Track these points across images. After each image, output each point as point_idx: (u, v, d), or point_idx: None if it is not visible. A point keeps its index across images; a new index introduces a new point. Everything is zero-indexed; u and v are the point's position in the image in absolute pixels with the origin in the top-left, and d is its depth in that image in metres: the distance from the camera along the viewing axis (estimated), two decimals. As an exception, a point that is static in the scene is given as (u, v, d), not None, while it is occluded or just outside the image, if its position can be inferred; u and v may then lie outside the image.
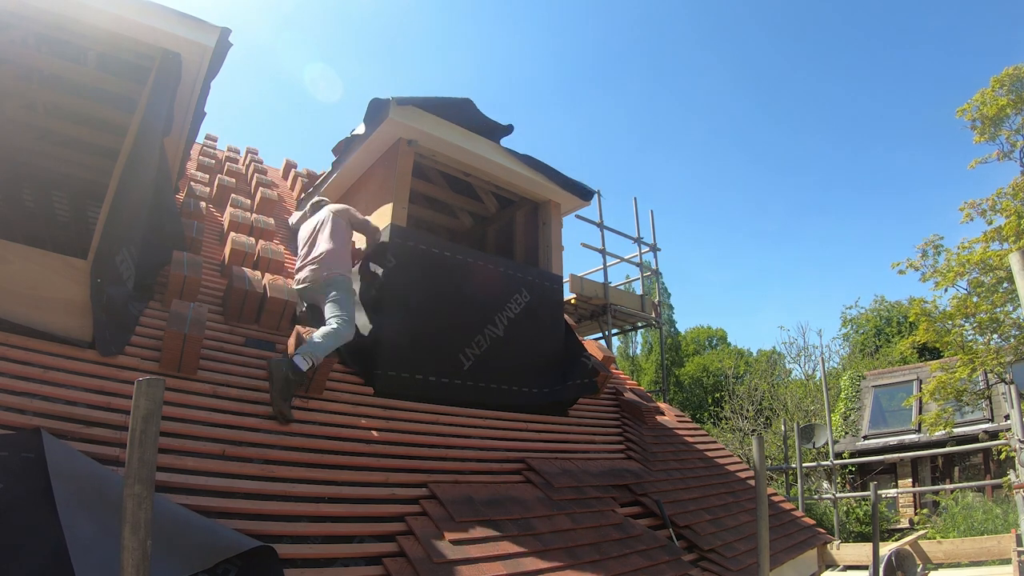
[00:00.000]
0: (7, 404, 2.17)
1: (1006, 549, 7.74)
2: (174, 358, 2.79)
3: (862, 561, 8.10)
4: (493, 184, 4.87)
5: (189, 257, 3.53)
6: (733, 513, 4.31)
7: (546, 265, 4.95)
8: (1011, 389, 8.99)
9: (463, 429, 3.61)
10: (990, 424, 12.72)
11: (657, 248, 11.07)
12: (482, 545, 2.60)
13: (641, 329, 13.13)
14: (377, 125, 4.10)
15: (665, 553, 3.25)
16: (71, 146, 4.91)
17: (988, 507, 10.79)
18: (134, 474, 1.31)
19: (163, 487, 2.11)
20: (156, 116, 3.20)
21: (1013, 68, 11.05)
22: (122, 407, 2.37)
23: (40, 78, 4.06)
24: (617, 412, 5.09)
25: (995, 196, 10.82)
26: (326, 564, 2.23)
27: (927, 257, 11.23)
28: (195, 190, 5.19)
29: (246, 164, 7.19)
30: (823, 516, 12.31)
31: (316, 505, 2.45)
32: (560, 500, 3.27)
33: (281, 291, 3.65)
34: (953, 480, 13.69)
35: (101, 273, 2.77)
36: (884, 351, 21.83)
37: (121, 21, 3.11)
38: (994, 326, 10.12)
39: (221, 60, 3.48)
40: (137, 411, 1.35)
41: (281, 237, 5.41)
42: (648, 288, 12.11)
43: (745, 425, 17.85)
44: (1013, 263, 2.77)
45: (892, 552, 6.33)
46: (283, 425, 2.81)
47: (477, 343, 4.10)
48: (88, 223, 5.90)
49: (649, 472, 4.20)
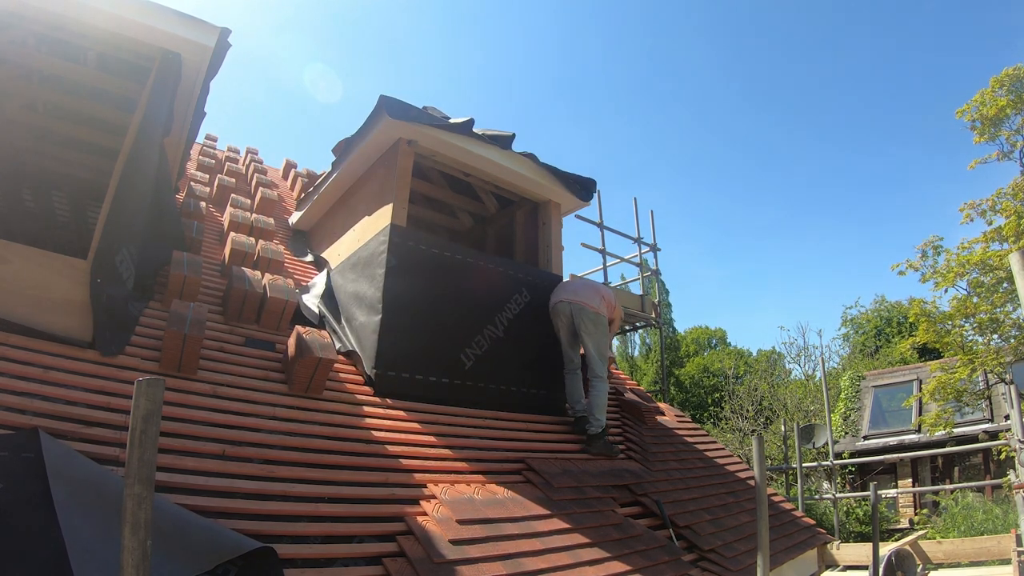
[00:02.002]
0: (7, 404, 2.17)
1: (1006, 549, 7.74)
2: (174, 358, 2.79)
3: (862, 561, 8.11)
4: (493, 184, 4.87)
5: (189, 257, 3.53)
6: (733, 513, 4.31)
7: (546, 265, 4.95)
8: (1011, 389, 8.99)
9: (463, 429, 3.61)
10: (990, 424, 12.73)
11: (657, 248, 11.06)
12: (482, 545, 2.60)
13: (641, 329, 13.11)
14: (377, 125, 4.10)
15: (665, 553, 3.25)
16: (71, 146, 4.91)
17: (988, 507, 10.79)
18: (134, 474, 1.31)
19: (163, 487, 2.11)
20: (156, 116, 3.20)
21: (1013, 68, 11.06)
22: (122, 407, 2.37)
23: (40, 78, 4.06)
24: (617, 412, 5.09)
25: (995, 196, 10.83)
26: (326, 564, 2.23)
27: (927, 258, 11.24)
28: (195, 190, 5.19)
29: (246, 164, 7.19)
30: (823, 516, 12.30)
31: (316, 505, 2.45)
32: (560, 500, 3.26)
33: (281, 291, 3.65)
34: (953, 480, 13.70)
35: (101, 273, 2.77)
36: (884, 351, 21.84)
37: (121, 21, 3.10)
38: (994, 326, 10.13)
39: (221, 60, 3.48)
40: (137, 411, 1.35)
41: (281, 237, 5.41)
42: (648, 288, 12.10)
43: (745, 425, 17.85)
44: (1013, 263, 2.77)
45: (892, 552, 6.32)
46: (283, 425, 2.82)
47: (477, 343, 4.10)
48: (88, 223, 5.89)
49: (649, 472, 4.20)
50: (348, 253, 4.40)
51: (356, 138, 4.41)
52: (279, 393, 3.05)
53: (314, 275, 4.80)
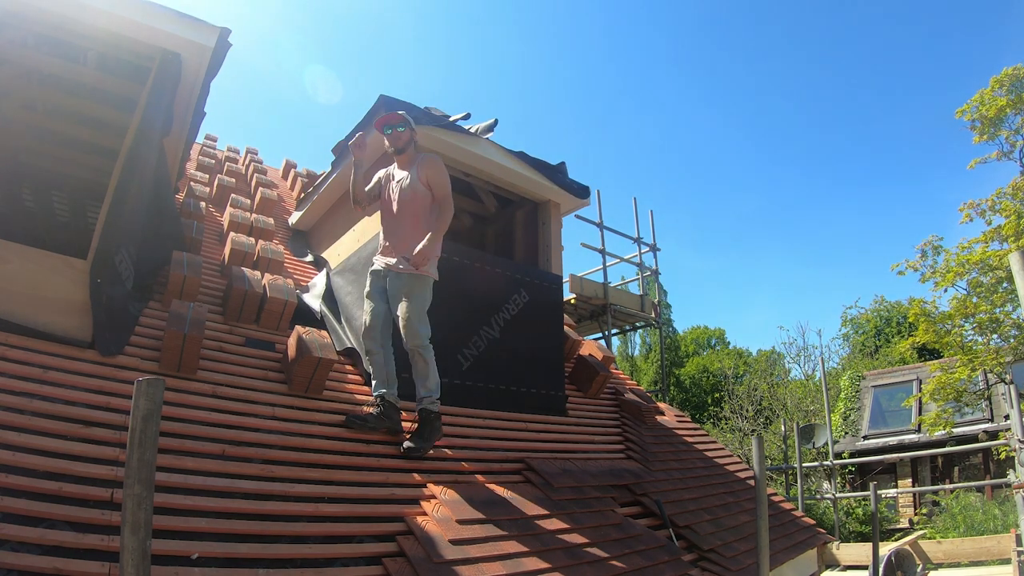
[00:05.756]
0: (7, 404, 2.17)
1: (1006, 549, 7.75)
2: (174, 358, 2.79)
3: (862, 561, 8.12)
4: (493, 184, 4.87)
5: (189, 257, 3.53)
6: (733, 513, 4.31)
7: (545, 265, 4.94)
8: (1011, 389, 9.00)
9: (463, 429, 3.61)
10: (990, 424, 12.72)
11: (657, 248, 11.07)
12: (482, 545, 2.60)
13: (641, 329, 13.12)
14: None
15: (665, 553, 3.25)
16: (71, 146, 4.90)
17: (988, 507, 10.79)
18: (134, 474, 1.31)
19: (163, 487, 2.11)
20: (156, 116, 3.20)
21: (1012, 68, 11.05)
22: (122, 407, 2.37)
23: (40, 78, 4.05)
24: (617, 412, 5.08)
25: (994, 196, 10.83)
26: (326, 564, 2.22)
27: (926, 258, 11.25)
28: (195, 190, 5.19)
29: (246, 164, 7.19)
30: (823, 516, 12.31)
31: (316, 505, 2.45)
32: (560, 500, 3.26)
33: (281, 291, 3.65)
34: (953, 480, 13.69)
35: (101, 273, 2.77)
36: (884, 351, 21.83)
37: (121, 21, 3.10)
38: (994, 326, 10.13)
39: (221, 60, 3.48)
40: (137, 411, 1.35)
41: (281, 237, 5.41)
42: (647, 288, 12.11)
43: (745, 425, 17.84)
44: (1013, 263, 2.77)
45: (892, 552, 6.33)
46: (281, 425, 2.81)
47: (475, 343, 4.10)
48: (88, 223, 5.90)
49: (649, 472, 4.20)
50: (348, 253, 4.40)
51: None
52: (279, 393, 3.05)
53: (314, 275, 4.80)
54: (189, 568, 1.93)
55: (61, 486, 1.96)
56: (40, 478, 1.96)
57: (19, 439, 2.06)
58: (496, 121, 4.60)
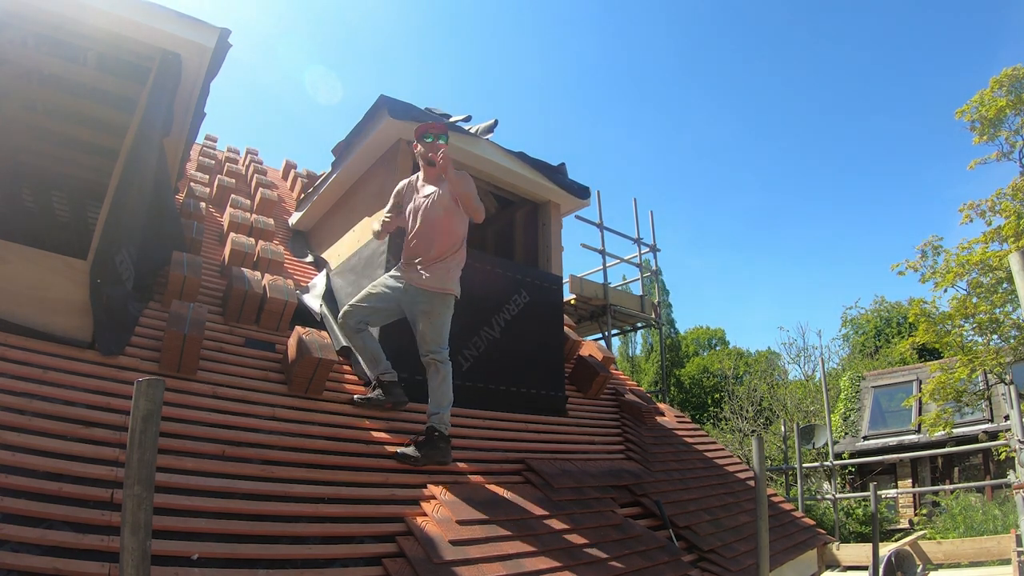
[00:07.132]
0: (7, 404, 2.17)
1: (1006, 549, 7.75)
2: (174, 358, 2.78)
3: (862, 562, 8.12)
4: (493, 184, 4.86)
5: (189, 257, 3.53)
6: (733, 514, 4.31)
7: (546, 266, 4.94)
8: (1011, 389, 9.00)
9: (463, 429, 3.61)
10: (990, 424, 12.73)
11: (657, 249, 11.08)
12: (482, 545, 2.60)
13: (641, 329, 13.12)
14: (377, 125, 4.10)
15: (665, 554, 3.25)
16: (71, 146, 4.90)
17: (988, 508, 10.79)
18: (134, 474, 1.31)
19: (163, 487, 2.11)
20: (156, 116, 3.20)
21: (1012, 69, 11.06)
22: (122, 407, 2.37)
23: (40, 78, 4.05)
24: (617, 413, 5.08)
25: (994, 197, 10.83)
26: (325, 565, 2.22)
27: (926, 258, 11.25)
28: (195, 190, 5.19)
29: (246, 164, 7.19)
30: (823, 516, 12.30)
31: (315, 505, 2.45)
32: (560, 501, 3.26)
33: (281, 291, 3.65)
34: (953, 480, 13.69)
35: (101, 273, 2.77)
36: (884, 352, 21.82)
37: (121, 21, 3.10)
38: (994, 327, 10.13)
39: (221, 61, 3.48)
40: (137, 411, 1.35)
41: (281, 237, 5.41)
42: (648, 289, 12.12)
43: (745, 426, 17.84)
44: (1013, 263, 2.77)
45: (892, 553, 6.33)
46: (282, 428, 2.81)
47: (475, 344, 4.10)
48: (88, 223, 5.90)
49: (649, 473, 4.20)
50: (348, 254, 4.40)
51: (355, 137, 4.41)
52: (279, 393, 3.05)
53: (314, 275, 4.80)
54: (189, 568, 1.92)
55: (61, 486, 1.96)
56: (40, 478, 1.96)
57: (19, 439, 2.05)
58: (496, 122, 4.59)
